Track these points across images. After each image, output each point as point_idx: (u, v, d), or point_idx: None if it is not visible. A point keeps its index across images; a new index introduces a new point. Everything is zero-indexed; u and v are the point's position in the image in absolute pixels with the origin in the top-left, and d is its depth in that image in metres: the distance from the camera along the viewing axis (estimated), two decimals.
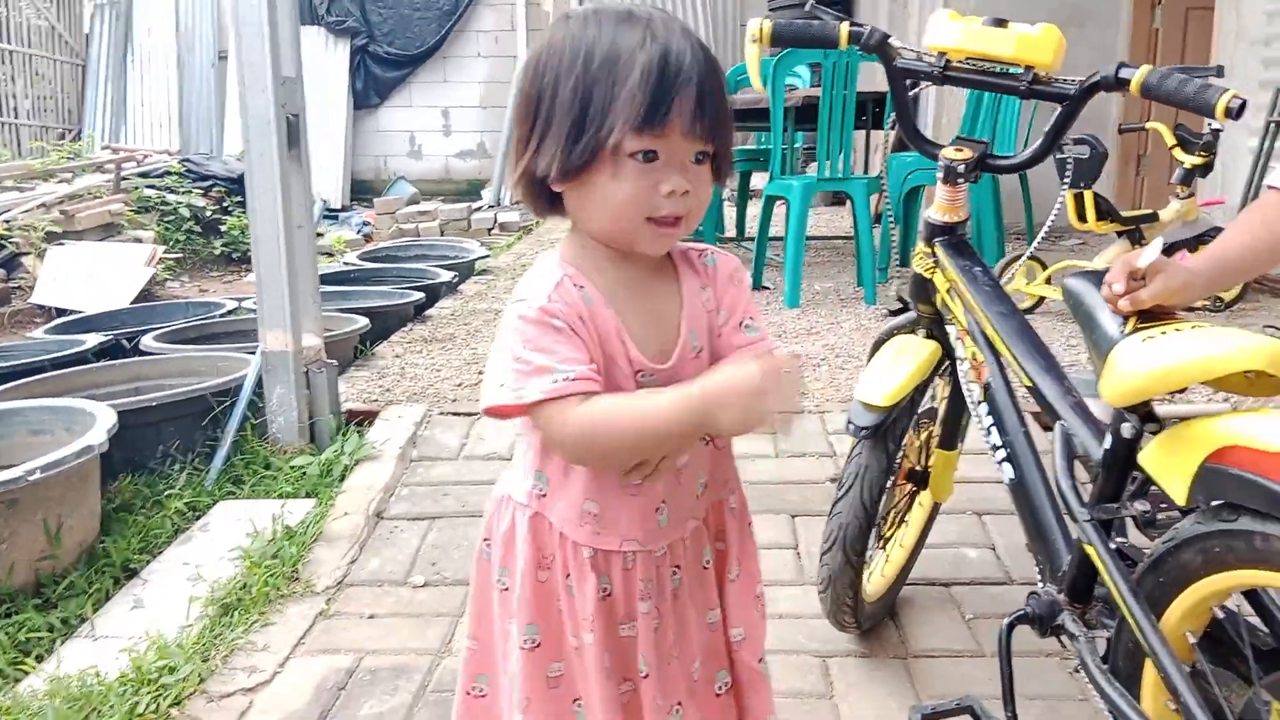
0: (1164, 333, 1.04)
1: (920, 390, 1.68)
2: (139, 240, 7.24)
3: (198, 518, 2.54)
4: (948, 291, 1.55)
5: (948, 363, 1.68)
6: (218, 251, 8.00)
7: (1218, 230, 4.19)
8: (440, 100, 11.33)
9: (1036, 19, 1.41)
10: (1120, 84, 1.33)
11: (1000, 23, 1.45)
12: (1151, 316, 1.11)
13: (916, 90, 1.62)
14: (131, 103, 11.07)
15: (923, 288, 1.62)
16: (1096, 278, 1.22)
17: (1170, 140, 4.07)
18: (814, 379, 3.31)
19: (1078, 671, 1.71)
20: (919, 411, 1.82)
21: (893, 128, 5.39)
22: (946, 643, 1.94)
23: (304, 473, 2.64)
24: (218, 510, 2.55)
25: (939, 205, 1.57)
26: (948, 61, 1.49)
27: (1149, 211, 4.03)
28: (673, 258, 1.14)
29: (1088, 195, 3.89)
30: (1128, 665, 1.19)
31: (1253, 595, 1.10)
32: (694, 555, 1.16)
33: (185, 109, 10.86)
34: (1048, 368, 1.34)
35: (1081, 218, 3.96)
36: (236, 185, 8.84)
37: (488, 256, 5.90)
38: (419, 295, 4.50)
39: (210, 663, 1.88)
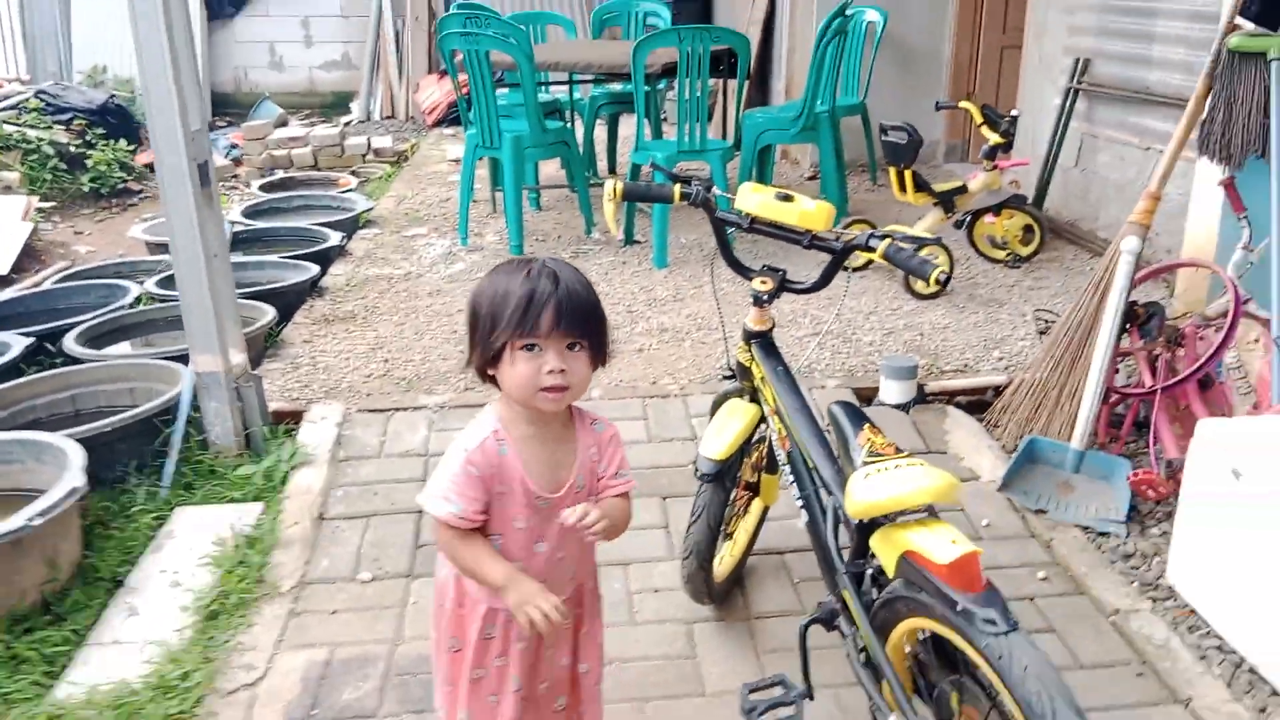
0: (882, 471, 1.64)
1: (748, 441, 2.28)
2: (8, 189, 7.18)
3: (159, 524, 2.99)
4: (760, 380, 2.14)
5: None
6: (86, 189, 7.94)
7: (1019, 198, 4.91)
8: (299, 10, 11.15)
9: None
10: (869, 249, 1.90)
11: (787, 197, 2.00)
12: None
13: (732, 230, 2.14)
14: None
15: (745, 370, 2.21)
16: (853, 411, 1.82)
17: (978, 119, 4.72)
18: (679, 358, 3.90)
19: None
20: (752, 441, 2.43)
21: (749, 77, 5.84)
22: (779, 606, 2.60)
23: (249, 480, 3.10)
24: (178, 517, 3.00)
25: (752, 319, 2.15)
26: (752, 219, 2.05)
27: (960, 184, 4.69)
28: (574, 422, 1.70)
29: (907, 173, 4.53)
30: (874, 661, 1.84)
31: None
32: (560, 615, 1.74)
33: (29, 27, 10.38)
34: (826, 454, 1.94)
35: (903, 190, 4.60)
36: (98, 116, 8.70)
37: (371, 209, 6.20)
38: (314, 268, 4.83)
39: (213, 664, 2.40)
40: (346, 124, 10.36)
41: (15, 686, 2.37)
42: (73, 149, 8.17)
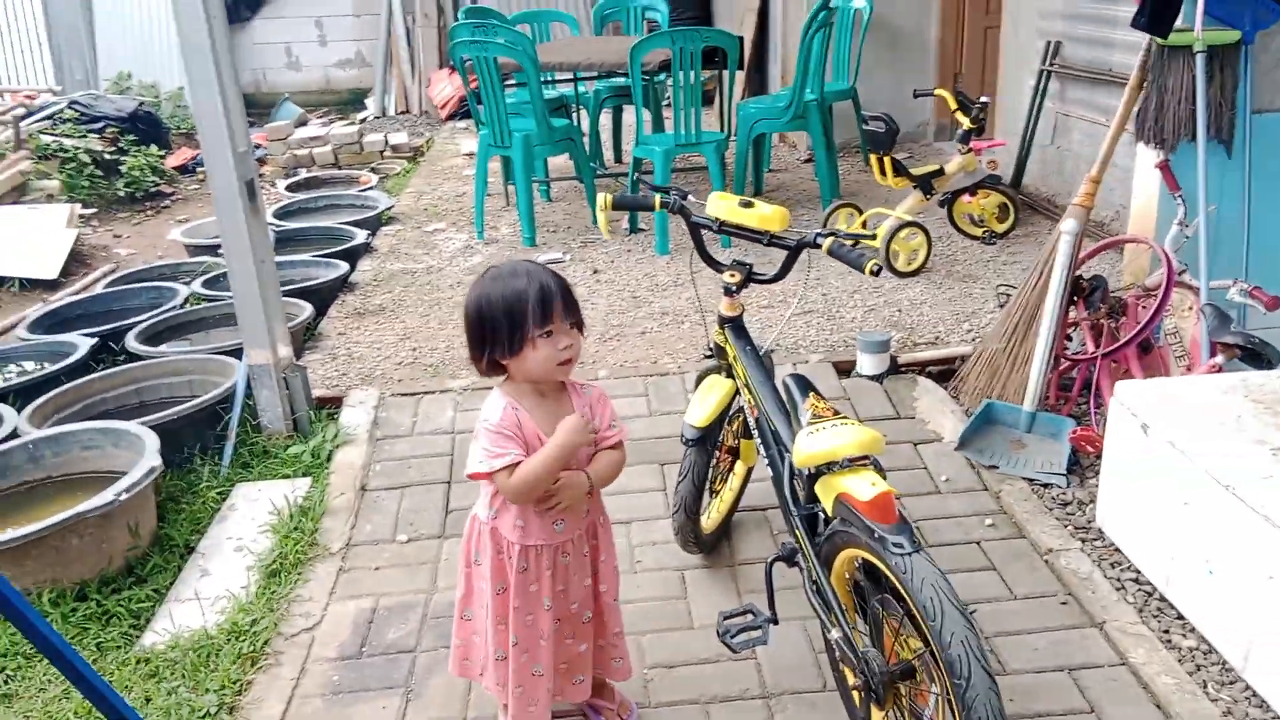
0: (820, 429, 2.02)
1: (726, 410, 2.67)
2: (50, 196, 7.64)
3: (222, 499, 3.42)
4: (733, 358, 2.52)
5: None
6: (121, 193, 8.37)
7: (994, 178, 5.25)
8: (313, 10, 11.57)
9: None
10: (816, 245, 2.28)
11: (749, 204, 2.38)
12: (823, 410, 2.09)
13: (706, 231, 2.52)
14: None
15: (721, 350, 2.59)
16: (803, 381, 2.21)
17: (953, 105, 5.06)
18: (678, 338, 4.29)
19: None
20: (731, 412, 2.82)
21: (741, 68, 6.17)
22: (759, 553, 2.99)
23: (299, 458, 3.53)
24: (238, 492, 3.43)
25: (725, 306, 2.53)
26: (721, 222, 2.43)
27: (937, 167, 5.04)
28: (567, 391, 2.11)
29: (886, 160, 4.87)
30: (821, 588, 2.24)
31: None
32: (578, 547, 2.16)
33: (55, 38, 10.84)
34: (785, 420, 2.32)
35: (884, 175, 4.95)
36: (129, 124, 9.15)
37: (392, 206, 6.61)
38: (344, 265, 5.25)
39: (276, 613, 2.83)
40: (363, 120, 10.75)
41: (107, 637, 2.81)
42: (106, 156, 8.61)
